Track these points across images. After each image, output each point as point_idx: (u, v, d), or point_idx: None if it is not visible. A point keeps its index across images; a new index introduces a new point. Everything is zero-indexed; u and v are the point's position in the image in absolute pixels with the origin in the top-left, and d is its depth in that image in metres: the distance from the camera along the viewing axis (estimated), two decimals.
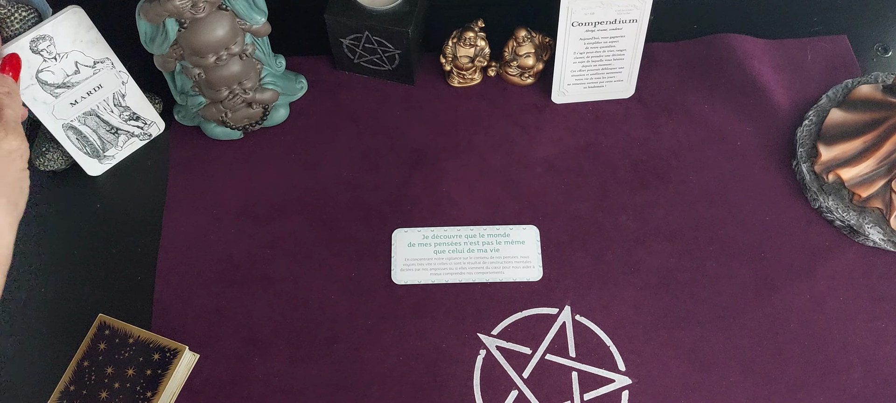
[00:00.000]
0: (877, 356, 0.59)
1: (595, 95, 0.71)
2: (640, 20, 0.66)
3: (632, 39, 0.67)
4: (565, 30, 0.66)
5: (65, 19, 0.59)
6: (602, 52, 0.68)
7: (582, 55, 0.68)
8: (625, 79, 0.70)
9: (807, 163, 0.66)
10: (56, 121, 0.63)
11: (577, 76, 0.70)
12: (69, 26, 0.59)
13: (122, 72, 0.63)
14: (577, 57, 0.68)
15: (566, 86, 0.70)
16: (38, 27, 0.57)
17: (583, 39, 0.67)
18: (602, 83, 0.70)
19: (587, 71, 0.69)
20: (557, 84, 0.70)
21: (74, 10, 0.59)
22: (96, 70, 0.63)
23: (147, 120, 0.63)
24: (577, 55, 0.68)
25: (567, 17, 0.65)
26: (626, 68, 0.69)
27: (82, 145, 0.63)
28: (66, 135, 0.63)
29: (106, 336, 0.59)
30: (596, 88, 0.71)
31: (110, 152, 0.64)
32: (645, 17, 0.66)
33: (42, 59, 0.59)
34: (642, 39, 0.68)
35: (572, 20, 0.66)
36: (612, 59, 0.69)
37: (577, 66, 0.69)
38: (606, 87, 0.71)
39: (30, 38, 0.57)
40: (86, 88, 0.63)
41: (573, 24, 0.66)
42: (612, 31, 0.67)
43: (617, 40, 0.67)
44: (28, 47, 0.58)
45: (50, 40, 0.58)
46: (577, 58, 0.68)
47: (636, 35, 0.67)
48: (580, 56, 0.68)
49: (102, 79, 0.63)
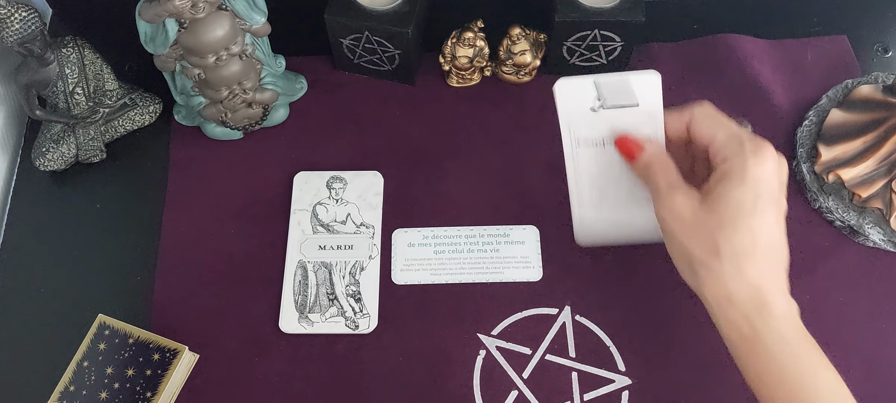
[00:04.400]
0: (877, 356, 0.59)
1: (623, 235, 0.58)
2: (657, 137, 0.54)
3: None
4: (571, 152, 0.55)
5: (367, 177, 0.66)
6: (621, 179, 0.55)
7: (597, 181, 0.56)
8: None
9: (807, 163, 0.66)
10: (298, 253, 0.63)
11: (598, 208, 0.57)
12: (365, 183, 0.66)
13: (375, 246, 0.63)
14: (593, 182, 0.56)
15: (587, 222, 0.57)
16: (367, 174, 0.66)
17: (595, 161, 0.56)
18: (630, 219, 0.56)
19: (607, 203, 0.57)
20: (578, 219, 0.57)
21: (377, 174, 0.66)
22: (359, 232, 0.64)
23: (365, 310, 0.61)
24: (593, 180, 0.56)
25: (570, 136, 0.55)
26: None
27: (299, 292, 0.62)
28: (294, 272, 0.63)
29: (106, 337, 0.59)
30: (623, 227, 0.57)
31: (313, 317, 0.61)
32: (660, 134, 0.54)
33: (328, 194, 0.63)
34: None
35: (577, 139, 0.55)
36: (634, 187, 0.55)
37: (596, 195, 0.56)
38: (637, 224, 0.56)
39: (330, 176, 0.66)
40: (339, 241, 0.63)
41: (578, 143, 0.55)
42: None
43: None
44: (326, 179, 0.66)
45: (343, 184, 0.63)
46: (592, 184, 0.56)
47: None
48: (595, 181, 0.56)
49: (356, 241, 0.64)
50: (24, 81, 0.64)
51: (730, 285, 0.49)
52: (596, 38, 0.68)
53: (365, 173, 0.68)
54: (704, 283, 0.50)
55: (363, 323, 0.61)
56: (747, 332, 0.49)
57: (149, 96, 0.71)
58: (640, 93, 0.55)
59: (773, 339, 0.48)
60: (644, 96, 0.55)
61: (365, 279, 0.63)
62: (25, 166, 0.70)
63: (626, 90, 0.54)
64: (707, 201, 0.50)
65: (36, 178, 0.70)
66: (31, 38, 0.61)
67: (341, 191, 0.66)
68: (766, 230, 0.49)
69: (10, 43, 0.60)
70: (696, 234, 0.50)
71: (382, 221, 0.66)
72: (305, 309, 0.62)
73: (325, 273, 0.63)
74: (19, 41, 0.60)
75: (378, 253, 0.64)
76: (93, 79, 0.67)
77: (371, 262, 0.64)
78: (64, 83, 0.65)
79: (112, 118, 0.69)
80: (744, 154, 0.50)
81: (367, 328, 0.61)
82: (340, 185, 0.66)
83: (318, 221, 0.65)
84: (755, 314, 0.49)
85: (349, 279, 0.63)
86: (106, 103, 0.68)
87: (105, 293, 0.64)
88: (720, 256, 0.49)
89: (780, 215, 0.51)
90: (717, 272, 0.49)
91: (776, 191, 0.50)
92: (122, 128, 0.70)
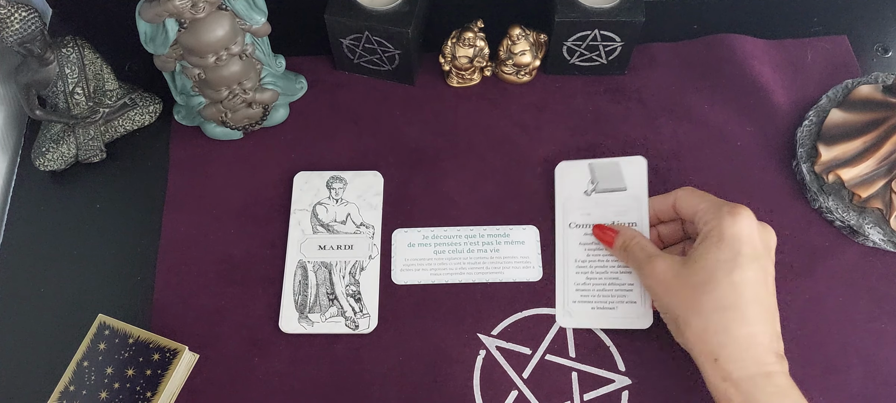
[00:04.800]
0: (877, 356, 0.59)
1: (606, 320, 0.60)
2: (641, 223, 0.59)
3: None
4: (562, 233, 0.61)
5: (367, 177, 0.66)
6: (606, 264, 0.60)
7: (585, 264, 0.61)
8: (638, 300, 0.59)
9: (807, 163, 0.66)
10: (298, 253, 0.63)
11: (583, 291, 0.61)
12: (365, 184, 0.66)
13: (375, 246, 0.63)
14: (580, 266, 0.61)
15: (571, 304, 0.61)
16: (367, 174, 0.66)
17: (583, 244, 0.61)
18: (613, 303, 0.59)
19: (592, 285, 0.60)
20: (561, 300, 0.61)
21: (377, 174, 0.66)
22: (358, 232, 0.64)
23: (365, 310, 0.61)
24: (580, 264, 0.61)
25: (563, 217, 0.60)
26: (636, 286, 0.59)
27: (299, 292, 0.62)
28: (293, 272, 0.63)
29: (106, 337, 0.59)
30: (606, 310, 0.60)
31: (313, 317, 0.61)
32: (644, 218, 0.59)
33: (328, 194, 0.63)
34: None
35: (569, 221, 0.61)
36: (618, 272, 0.59)
37: (581, 278, 0.61)
38: (618, 309, 0.59)
39: (330, 176, 0.66)
40: (339, 241, 0.63)
41: (570, 225, 0.61)
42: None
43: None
44: (326, 179, 0.66)
45: (343, 184, 0.63)
46: (579, 267, 0.61)
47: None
48: (582, 265, 0.61)
49: (356, 241, 0.64)
50: (24, 81, 0.64)
51: (714, 340, 0.49)
52: (596, 38, 0.68)
53: (365, 173, 0.68)
54: (690, 341, 0.51)
55: (363, 323, 0.61)
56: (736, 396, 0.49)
57: (149, 96, 0.71)
58: (629, 177, 0.62)
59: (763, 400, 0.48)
60: (631, 180, 0.61)
61: (365, 279, 0.63)
62: (25, 166, 0.70)
63: (617, 173, 0.62)
64: (688, 262, 0.52)
65: (36, 178, 0.70)
66: (31, 38, 0.61)
67: (341, 191, 0.66)
68: (749, 286, 0.50)
69: (10, 43, 0.60)
70: (679, 293, 0.52)
71: (382, 221, 0.66)
72: (305, 309, 0.62)
73: (325, 273, 0.63)
74: (19, 41, 0.60)
75: (378, 253, 0.64)
76: (93, 79, 0.67)
77: (371, 262, 0.64)
78: (64, 83, 0.65)
79: (112, 118, 0.69)
80: (721, 215, 0.52)
81: (367, 328, 0.61)
82: (340, 185, 0.66)
83: (318, 221, 0.65)
84: (745, 376, 0.48)
85: (349, 279, 0.63)
86: (106, 103, 0.68)
87: (105, 293, 0.64)
88: (702, 312, 0.50)
89: (765, 275, 0.51)
90: (701, 328, 0.50)
91: (759, 250, 0.51)
92: (122, 128, 0.70)
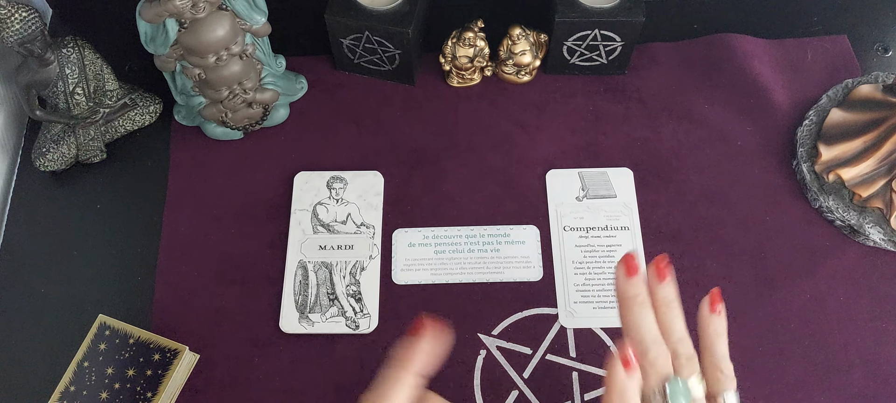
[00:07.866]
0: (877, 356, 0.59)
1: (607, 320, 0.61)
2: (632, 227, 0.63)
3: (629, 248, 0.63)
4: (558, 236, 0.63)
5: (367, 177, 0.66)
6: (603, 265, 0.63)
7: (582, 265, 0.63)
8: None
9: (807, 162, 0.66)
10: (298, 253, 0.63)
11: (583, 291, 0.62)
12: (365, 184, 0.66)
13: (375, 246, 0.63)
14: (578, 267, 0.63)
15: (572, 304, 0.62)
16: (367, 174, 0.67)
17: (579, 247, 0.64)
18: (614, 303, 0.60)
19: (592, 285, 0.62)
20: (563, 301, 0.62)
21: (377, 174, 0.67)
22: (359, 232, 0.64)
23: (366, 310, 0.61)
24: (577, 265, 0.63)
25: (557, 221, 0.63)
26: None
27: (299, 292, 0.62)
28: (294, 272, 0.63)
29: (106, 337, 0.59)
30: (607, 310, 0.61)
31: (313, 317, 0.61)
32: (635, 224, 0.63)
33: (328, 194, 0.63)
34: (640, 245, 0.63)
35: (563, 225, 0.63)
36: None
37: (581, 279, 0.63)
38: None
39: (330, 176, 0.66)
40: (340, 241, 0.63)
41: (565, 229, 0.63)
42: (606, 238, 0.64)
43: (614, 249, 0.63)
44: (327, 179, 0.66)
45: (344, 184, 0.63)
46: (577, 268, 0.63)
47: (632, 242, 0.63)
48: (580, 266, 0.63)
49: (357, 241, 0.64)
50: (24, 82, 0.64)
51: None
52: (596, 38, 0.68)
53: (365, 173, 0.68)
54: None
55: (363, 323, 0.61)
56: None
57: (149, 96, 0.71)
58: (618, 186, 0.66)
59: None
60: (620, 189, 0.66)
61: (365, 279, 0.63)
62: (25, 166, 0.70)
63: (605, 182, 0.66)
64: None
65: (36, 178, 0.70)
66: (32, 39, 0.61)
67: (341, 191, 0.66)
68: None
69: (11, 43, 0.60)
70: None
71: (383, 221, 0.66)
72: (306, 309, 0.62)
73: (325, 273, 0.63)
74: (19, 41, 0.60)
75: (378, 253, 0.64)
76: (93, 79, 0.67)
77: (371, 262, 0.64)
78: (64, 83, 0.65)
79: (112, 118, 0.69)
80: None
81: (368, 328, 0.61)
82: (341, 185, 0.66)
83: (318, 221, 0.65)
84: None
85: (349, 279, 0.63)
86: (106, 103, 0.68)
87: (105, 293, 0.64)
88: None
89: None
90: None
91: None
92: (122, 128, 0.70)
